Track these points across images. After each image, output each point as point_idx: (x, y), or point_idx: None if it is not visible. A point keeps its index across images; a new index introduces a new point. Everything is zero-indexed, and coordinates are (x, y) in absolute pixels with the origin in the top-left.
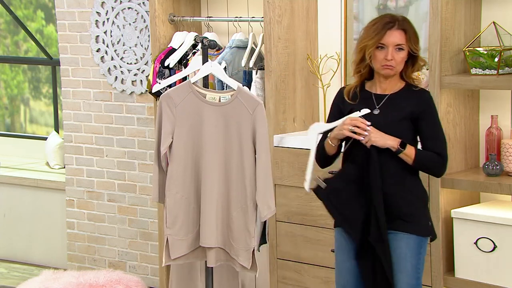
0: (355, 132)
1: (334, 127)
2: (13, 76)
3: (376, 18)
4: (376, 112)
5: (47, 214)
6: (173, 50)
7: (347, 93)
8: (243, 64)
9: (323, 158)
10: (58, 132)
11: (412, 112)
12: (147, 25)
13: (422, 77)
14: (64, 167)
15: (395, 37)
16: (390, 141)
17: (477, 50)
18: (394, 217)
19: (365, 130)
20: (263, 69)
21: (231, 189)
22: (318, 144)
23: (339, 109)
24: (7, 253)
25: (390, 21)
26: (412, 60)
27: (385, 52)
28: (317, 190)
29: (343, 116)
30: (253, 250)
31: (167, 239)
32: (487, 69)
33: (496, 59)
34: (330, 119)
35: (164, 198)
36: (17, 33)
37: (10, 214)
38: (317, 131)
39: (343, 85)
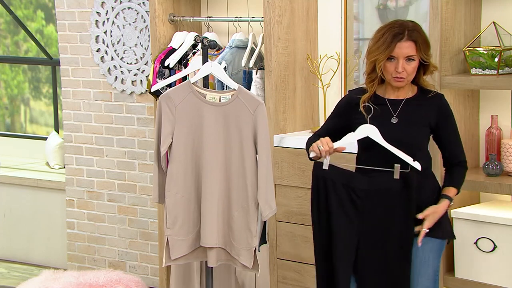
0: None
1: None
2: (13, 76)
3: (385, 27)
4: (394, 121)
5: (47, 214)
6: (173, 50)
7: (362, 103)
8: (243, 64)
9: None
10: (58, 132)
11: (434, 122)
12: (147, 25)
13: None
14: (64, 167)
15: (405, 49)
16: (441, 209)
17: (477, 50)
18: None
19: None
20: (263, 69)
21: (232, 189)
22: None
23: (345, 112)
24: (7, 253)
25: (400, 32)
26: (424, 67)
27: (395, 64)
28: (315, 165)
29: (347, 120)
30: (255, 249)
31: (167, 239)
32: (487, 69)
33: (496, 59)
34: (332, 120)
35: (164, 199)
36: (17, 33)
37: (10, 214)
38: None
39: (343, 85)
